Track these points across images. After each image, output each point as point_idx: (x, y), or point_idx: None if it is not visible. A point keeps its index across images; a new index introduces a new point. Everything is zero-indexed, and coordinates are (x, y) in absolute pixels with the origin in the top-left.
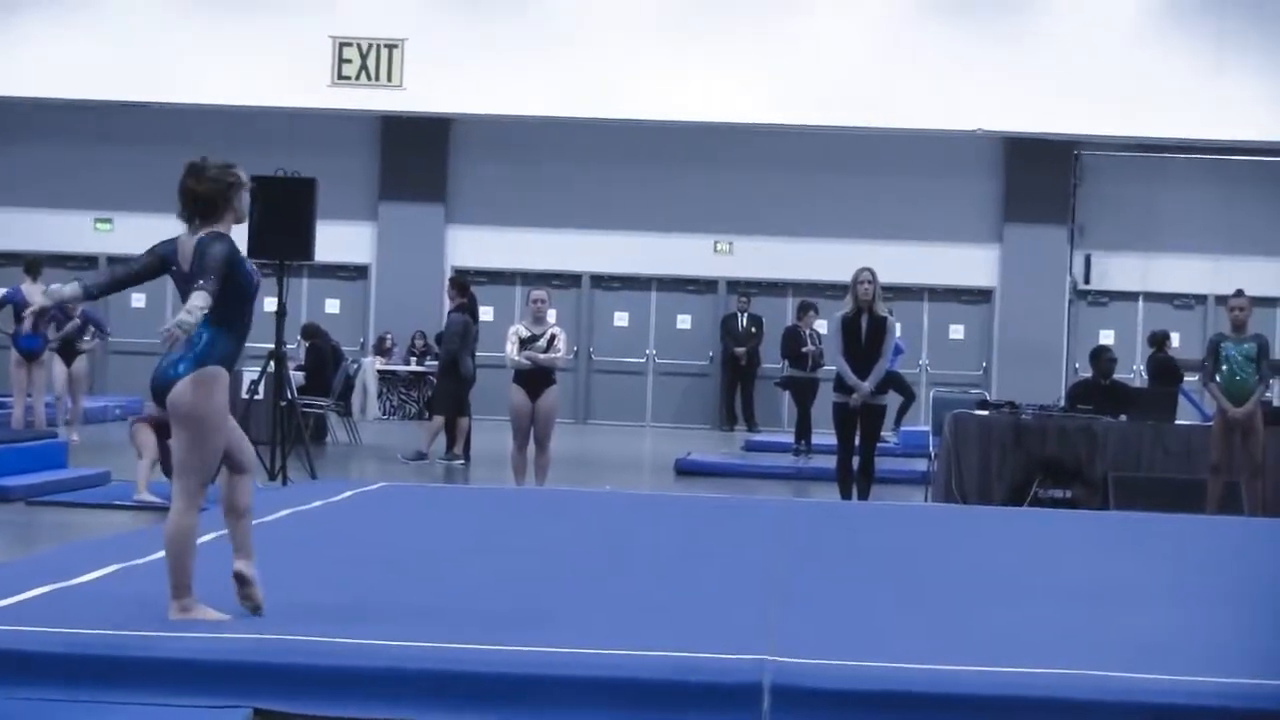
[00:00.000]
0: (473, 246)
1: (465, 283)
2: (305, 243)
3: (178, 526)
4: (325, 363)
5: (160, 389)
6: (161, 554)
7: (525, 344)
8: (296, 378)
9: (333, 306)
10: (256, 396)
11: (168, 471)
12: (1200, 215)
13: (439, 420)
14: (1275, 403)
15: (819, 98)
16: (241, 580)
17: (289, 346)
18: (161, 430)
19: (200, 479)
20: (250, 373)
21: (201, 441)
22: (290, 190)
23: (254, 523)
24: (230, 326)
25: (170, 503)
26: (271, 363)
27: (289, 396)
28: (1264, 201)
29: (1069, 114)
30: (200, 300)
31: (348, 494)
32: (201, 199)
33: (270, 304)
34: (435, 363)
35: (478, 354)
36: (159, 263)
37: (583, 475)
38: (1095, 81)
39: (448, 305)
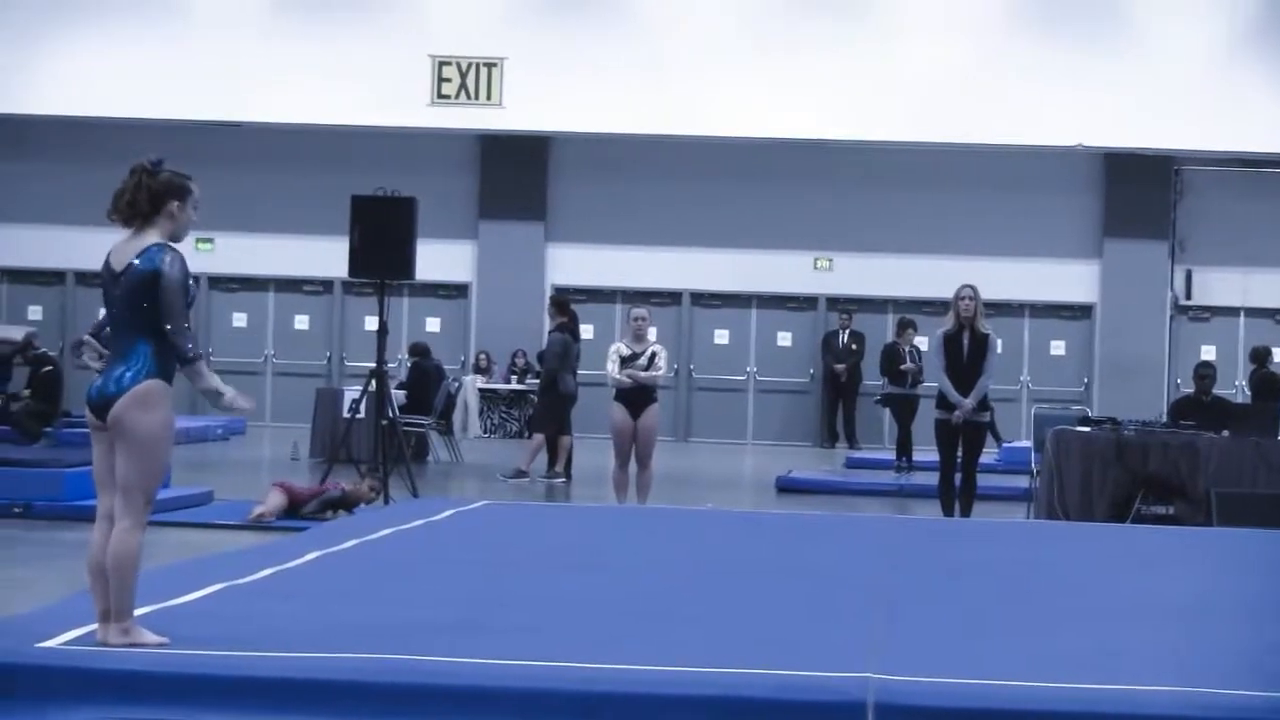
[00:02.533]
0: (572, 265)
1: (565, 301)
2: (406, 262)
3: (126, 546)
4: (428, 381)
5: (101, 404)
6: (266, 572)
7: (626, 362)
8: (398, 396)
9: (433, 325)
10: (358, 415)
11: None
12: None
13: (539, 438)
14: None
15: (915, 114)
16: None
17: (390, 365)
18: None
19: (147, 496)
20: (352, 392)
21: (149, 458)
22: (391, 209)
23: (358, 542)
24: (162, 340)
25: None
26: (373, 381)
27: (390, 415)
28: None
29: (1168, 129)
30: (205, 373)
31: (449, 513)
32: (154, 196)
33: (371, 323)
34: (536, 381)
35: (579, 372)
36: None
37: (684, 493)
38: (1193, 96)
39: (548, 324)
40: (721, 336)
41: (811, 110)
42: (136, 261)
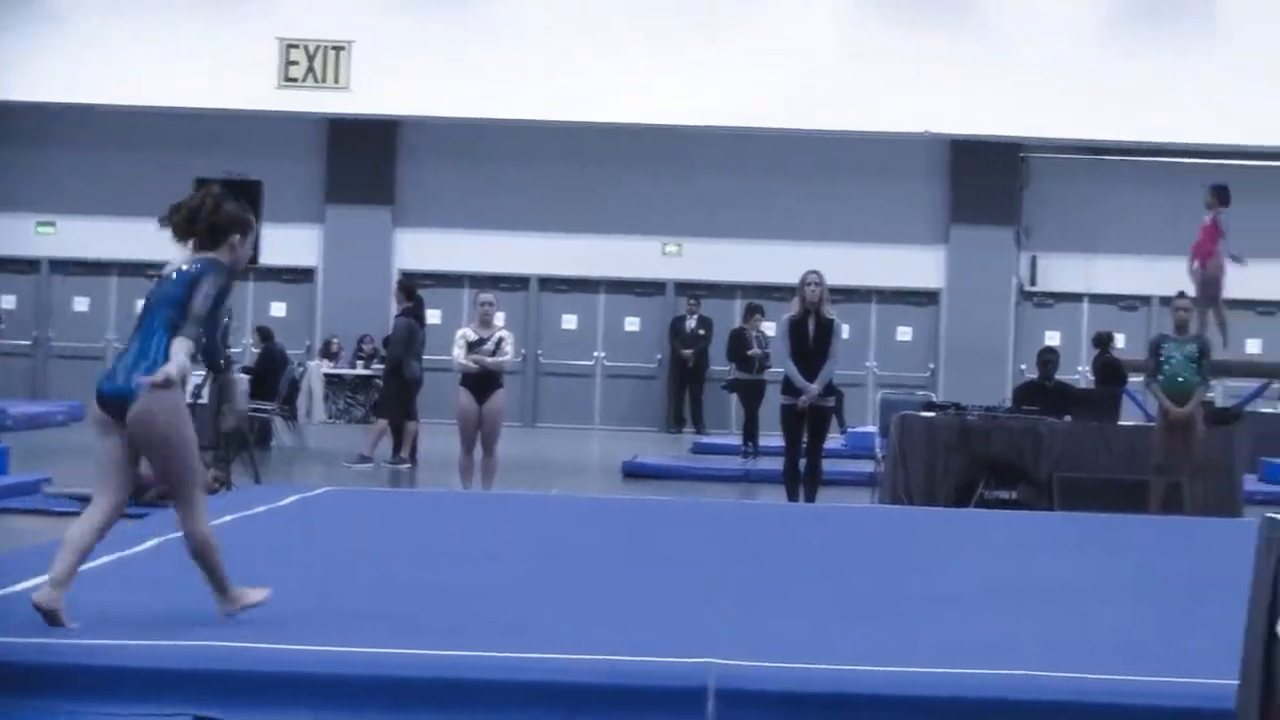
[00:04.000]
0: (420, 249)
1: (412, 286)
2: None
3: (201, 535)
4: (273, 367)
5: (115, 402)
6: (103, 560)
7: (472, 347)
8: (242, 380)
9: (278, 310)
10: (200, 400)
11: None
12: (1144, 217)
13: (382, 423)
14: (1217, 403)
15: (766, 100)
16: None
17: (234, 350)
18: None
19: (197, 484)
20: (195, 377)
21: (181, 450)
22: (235, 193)
23: None
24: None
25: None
26: None
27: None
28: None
29: (1015, 116)
30: (182, 350)
31: (292, 499)
32: (214, 228)
33: None
34: (382, 366)
35: (425, 357)
36: None
37: (530, 479)
38: (1042, 84)
39: (395, 309)
40: (569, 322)
41: (661, 96)
42: (185, 266)
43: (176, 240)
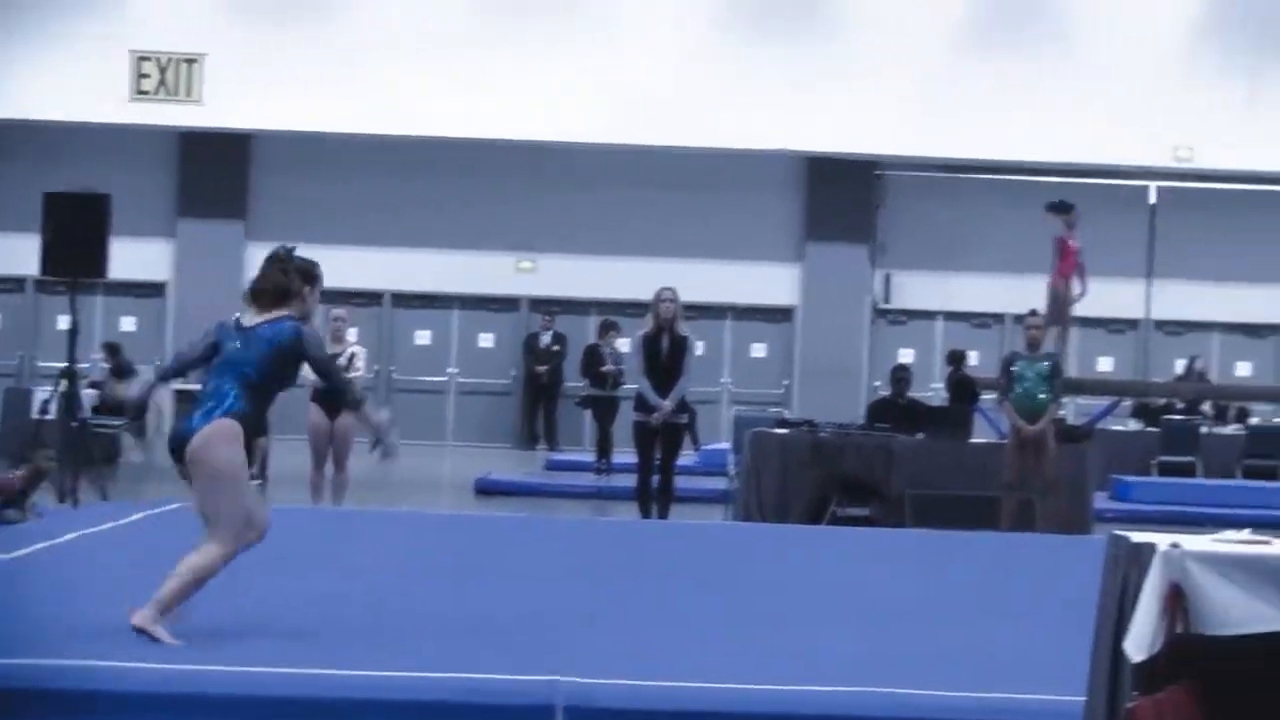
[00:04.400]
0: None
1: None
2: (98, 260)
3: (207, 560)
4: (124, 382)
5: (177, 444)
6: None
7: None
8: (90, 396)
9: (128, 324)
10: (47, 416)
11: None
12: (999, 235)
13: None
14: (1069, 421)
15: (621, 116)
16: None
17: (83, 365)
18: None
19: (233, 525)
20: (42, 392)
21: (230, 489)
22: (82, 206)
23: (45, 545)
24: (259, 395)
25: None
26: (64, 381)
27: (80, 416)
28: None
29: (871, 134)
30: (375, 411)
31: (139, 515)
32: (281, 288)
33: (64, 322)
34: None
35: None
36: (214, 348)
37: (382, 495)
38: (897, 102)
39: None
40: (423, 337)
41: (516, 110)
42: (268, 327)
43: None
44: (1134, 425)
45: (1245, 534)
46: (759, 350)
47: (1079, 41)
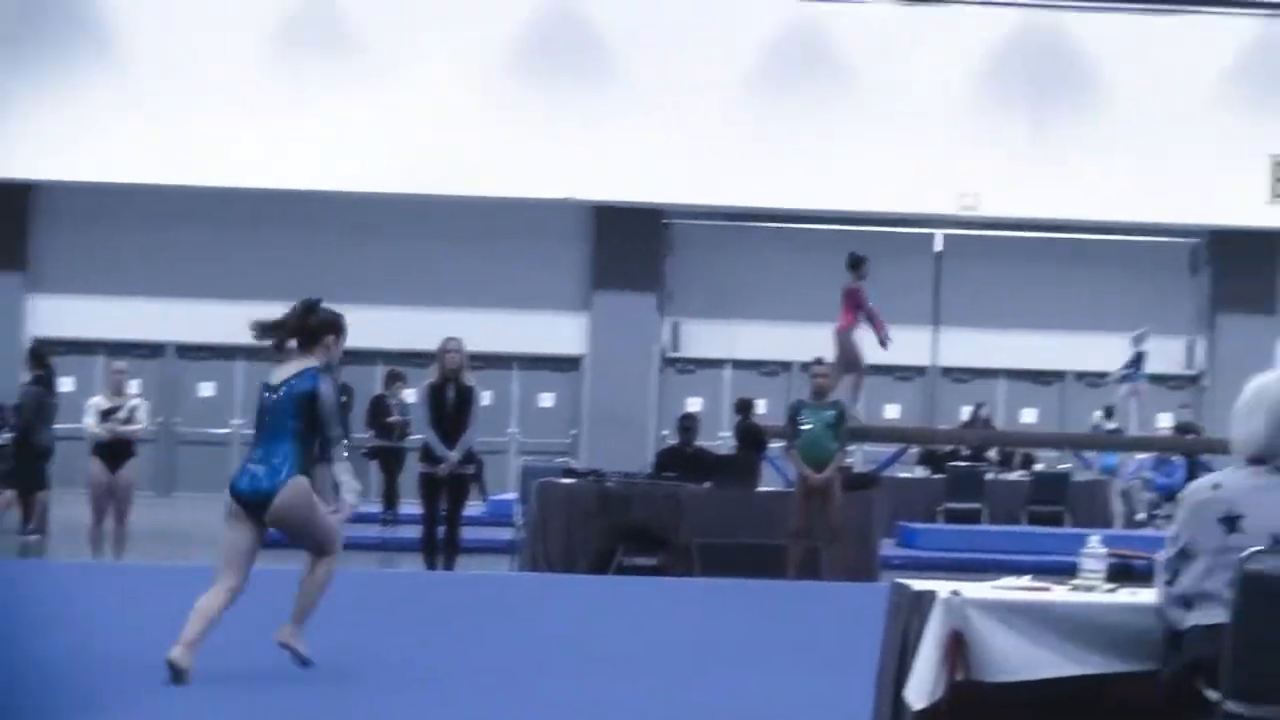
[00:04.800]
0: (55, 316)
1: (42, 354)
2: None
3: (328, 575)
4: None
5: (254, 499)
6: None
7: (105, 415)
8: None
9: None
10: None
11: None
12: (786, 283)
13: (10, 494)
14: (856, 468)
15: (406, 165)
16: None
17: None
18: None
19: (337, 543)
20: None
21: (320, 521)
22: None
23: None
24: (306, 444)
25: None
26: None
27: None
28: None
29: (657, 182)
30: (347, 474)
31: None
32: (314, 330)
33: None
34: (10, 435)
35: (56, 426)
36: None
37: (164, 548)
38: (684, 151)
39: (26, 376)
40: (207, 389)
41: (301, 161)
42: (294, 380)
43: (278, 349)
44: (920, 472)
45: (1025, 581)
46: (546, 400)
47: (865, 91)
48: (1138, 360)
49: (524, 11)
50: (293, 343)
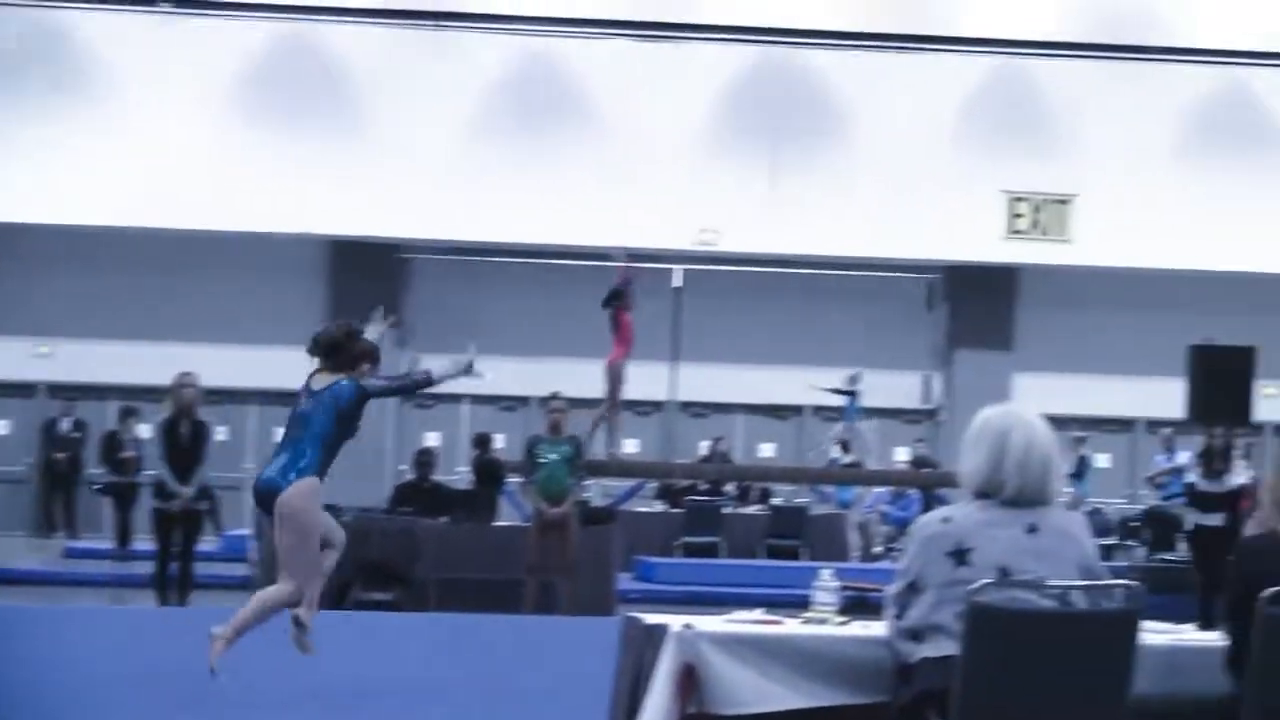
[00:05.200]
0: None
1: None
2: None
3: (278, 596)
4: None
5: (268, 494)
6: None
7: None
8: None
9: None
10: None
11: None
12: (523, 318)
13: None
14: (593, 502)
15: (137, 199)
16: (298, 623)
17: None
18: None
19: (311, 568)
20: None
21: (307, 538)
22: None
23: None
24: (330, 450)
25: None
26: None
27: None
28: (590, 303)
29: (393, 217)
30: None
31: None
32: (355, 357)
33: None
34: None
35: None
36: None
37: None
38: (421, 186)
39: None
40: None
41: (30, 194)
42: (330, 390)
43: (313, 356)
44: (659, 506)
45: (758, 614)
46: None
47: (602, 126)
48: (853, 400)
49: (259, 44)
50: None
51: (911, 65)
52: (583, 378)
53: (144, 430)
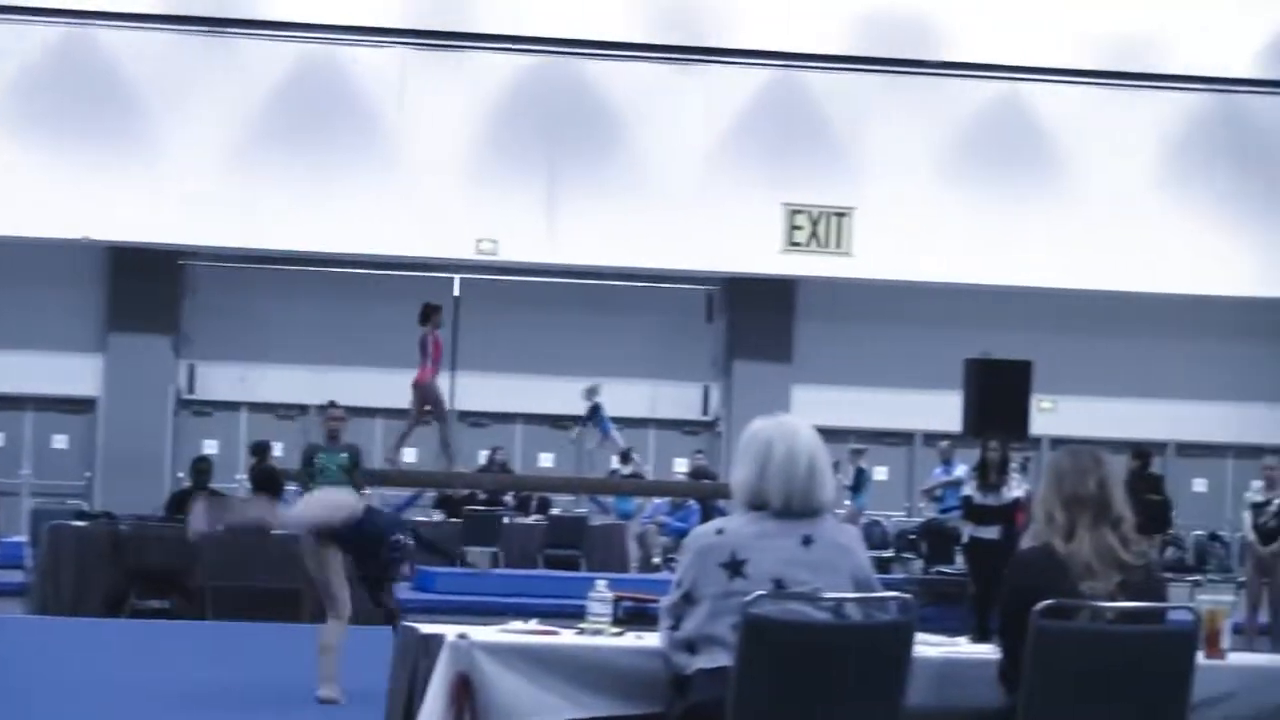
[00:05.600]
0: None
1: None
2: None
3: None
4: None
5: None
6: None
7: None
8: None
9: None
10: None
11: None
12: (303, 326)
13: None
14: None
15: None
16: None
17: None
18: None
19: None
20: None
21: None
22: None
23: None
24: None
25: None
26: None
27: None
28: (369, 312)
29: (172, 224)
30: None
31: None
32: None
33: None
34: None
35: None
36: None
37: None
38: (199, 193)
39: None
40: None
41: None
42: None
43: None
44: (438, 516)
45: (532, 624)
46: (60, 442)
47: (380, 134)
48: (595, 412)
49: (33, 48)
50: None
51: (691, 77)
52: (361, 386)
53: None
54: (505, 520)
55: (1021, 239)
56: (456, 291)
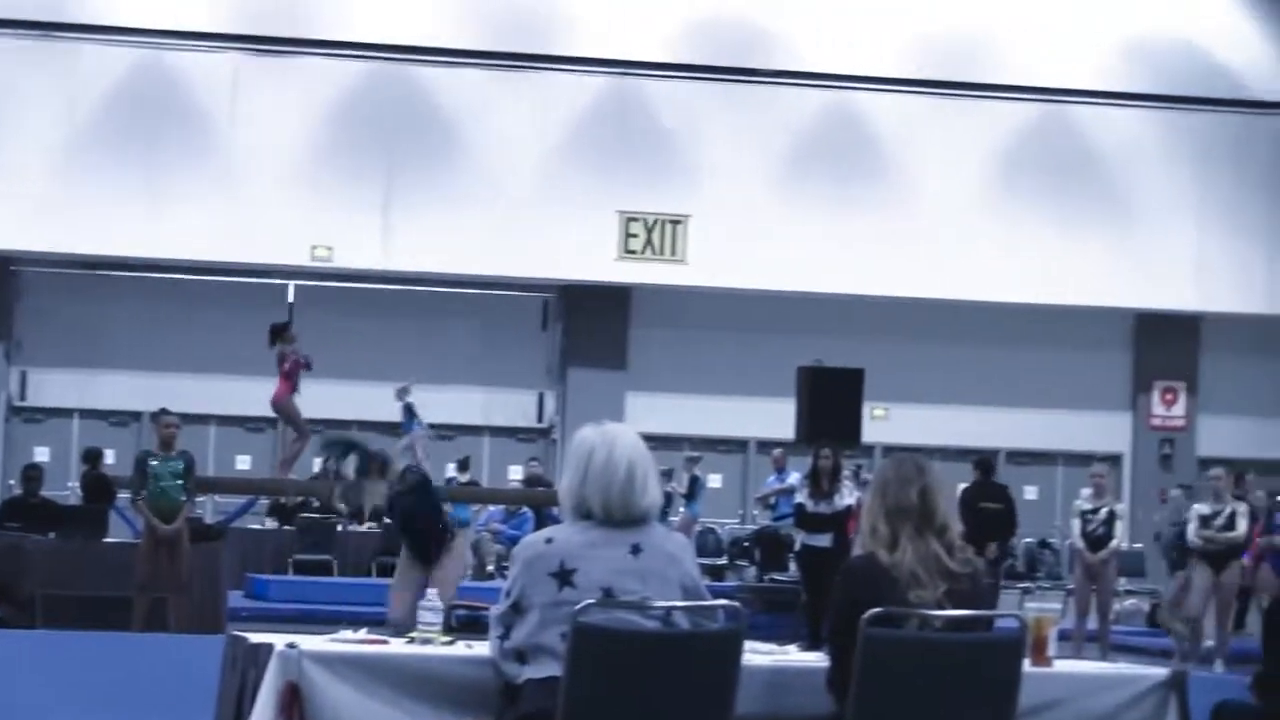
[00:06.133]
0: None
1: None
2: None
3: None
4: None
5: None
6: None
7: None
8: None
9: None
10: None
11: None
12: (135, 332)
13: None
14: (206, 519)
15: None
16: None
17: None
18: None
19: None
20: None
21: None
22: None
23: None
24: None
25: None
26: None
27: None
28: (203, 318)
29: (4, 230)
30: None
31: None
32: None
33: None
34: None
35: None
36: None
37: None
38: (29, 197)
39: None
40: None
41: None
42: None
43: None
44: (270, 524)
45: (363, 633)
46: None
47: (212, 139)
48: (409, 412)
49: None
50: None
51: (525, 84)
52: (195, 393)
53: None
54: (339, 528)
55: (854, 247)
56: (291, 298)
